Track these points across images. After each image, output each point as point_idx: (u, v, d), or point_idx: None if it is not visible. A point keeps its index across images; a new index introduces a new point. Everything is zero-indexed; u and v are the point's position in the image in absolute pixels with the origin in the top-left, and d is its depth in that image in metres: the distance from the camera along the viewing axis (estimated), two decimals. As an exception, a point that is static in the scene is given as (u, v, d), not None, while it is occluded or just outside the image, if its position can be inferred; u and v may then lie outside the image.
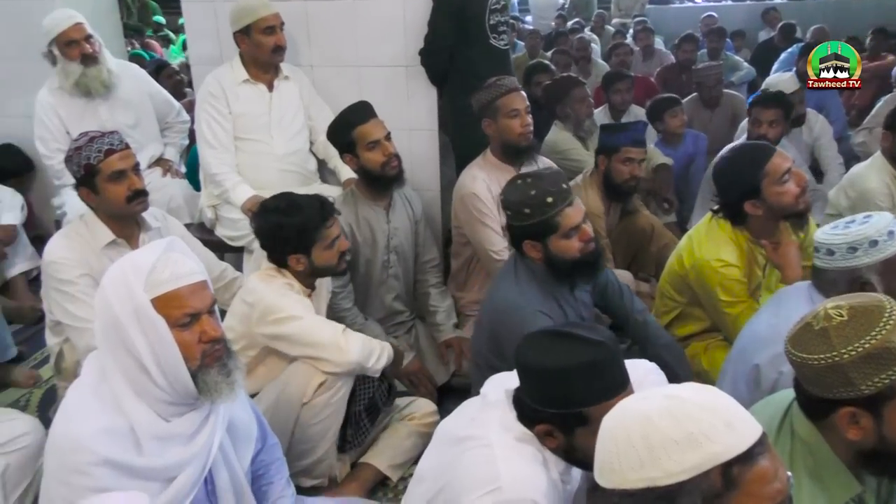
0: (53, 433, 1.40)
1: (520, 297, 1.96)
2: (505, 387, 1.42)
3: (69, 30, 3.00)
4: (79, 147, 2.19)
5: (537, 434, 1.34)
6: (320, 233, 2.09)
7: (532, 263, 2.00)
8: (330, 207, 2.13)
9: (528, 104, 2.65)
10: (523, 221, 1.94)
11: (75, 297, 2.21)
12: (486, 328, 2.03)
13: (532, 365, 1.33)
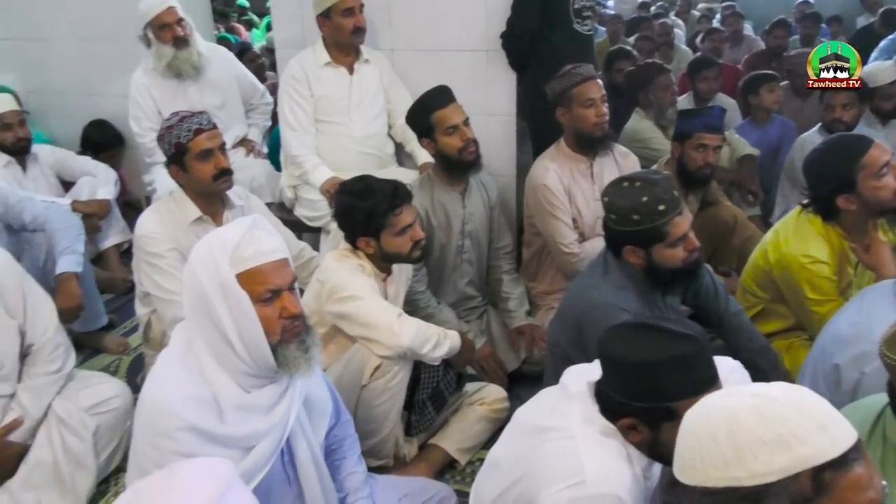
0: (143, 398, 1.47)
1: (608, 294, 1.90)
2: (586, 379, 1.40)
3: (163, 13, 3.12)
4: (170, 126, 2.28)
5: (621, 428, 1.31)
6: (388, 219, 2.09)
7: (627, 266, 1.92)
8: (403, 195, 2.13)
9: (605, 93, 2.58)
10: (629, 227, 1.84)
11: (164, 269, 2.31)
12: (570, 321, 1.99)
13: (619, 357, 1.30)
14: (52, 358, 2.13)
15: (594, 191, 2.64)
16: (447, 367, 2.22)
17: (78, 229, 2.66)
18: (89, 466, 2.13)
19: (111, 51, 3.78)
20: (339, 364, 2.09)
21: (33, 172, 3.35)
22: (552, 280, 2.80)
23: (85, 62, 3.90)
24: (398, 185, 2.14)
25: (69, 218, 2.70)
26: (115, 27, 3.70)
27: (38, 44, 3.94)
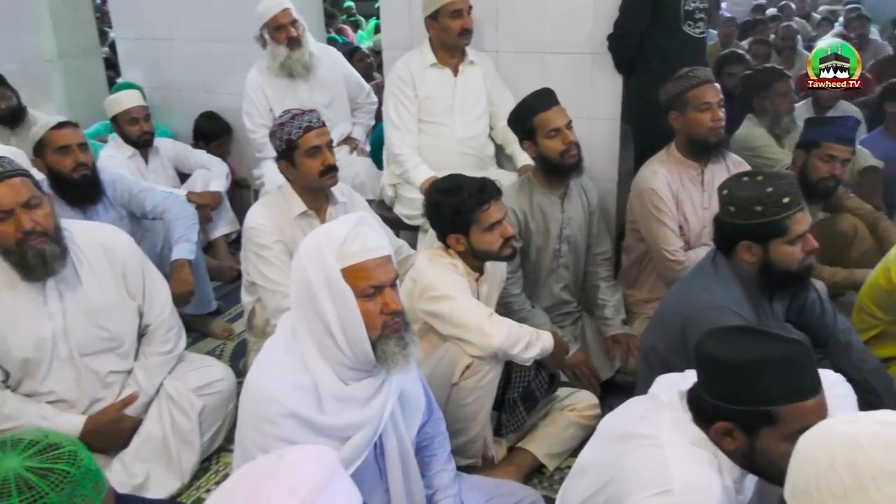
0: (249, 383, 1.54)
1: (717, 295, 1.85)
2: (678, 388, 1.37)
3: (279, 15, 3.25)
4: (282, 123, 2.38)
5: (715, 433, 1.27)
6: (475, 215, 2.10)
7: (738, 266, 1.87)
8: (491, 191, 2.12)
9: (722, 98, 2.50)
10: (750, 220, 1.80)
11: (269, 261, 2.41)
12: (672, 325, 1.94)
13: (718, 357, 1.26)
14: (166, 339, 2.26)
15: (703, 199, 2.56)
16: (539, 368, 2.20)
17: (193, 219, 2.82)
18: (194, 444, 2.24)
19: (228, 51, 3.98)
20: (431, 362, 2.12)
21: (154, 164, 3.57)
22: (652, 288, 2.73)
23: (204, 61, 4.12)
24: (486, 181, 2.14)
25: (185, 208, 2.87)
26: (232, 29, 3.89)
27: (164, 43, 4.19)
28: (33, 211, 1.92)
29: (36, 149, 2.70)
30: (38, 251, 1.92)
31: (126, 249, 2.19)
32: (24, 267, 1.94)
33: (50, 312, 2.03)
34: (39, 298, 2.01)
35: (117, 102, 3.44)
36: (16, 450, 0.99)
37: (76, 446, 1.03)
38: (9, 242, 1.90)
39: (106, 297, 2.11)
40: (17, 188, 1.90)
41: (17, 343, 1.99)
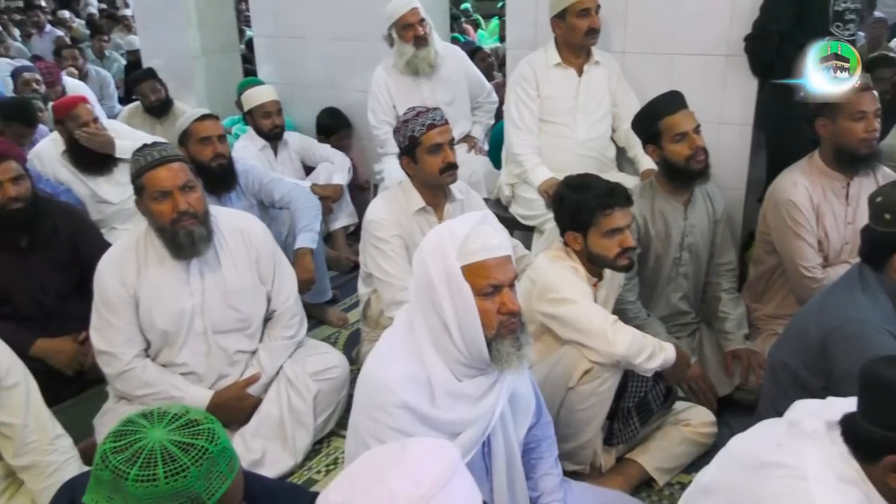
0: (366, 371, 1.58)
1: (866, 310, 1.73)
2: (824, 417, 1.27)
3: (407, 14, 3.32)
4: (406, 120, 2.42)
5: (884, 468, 1.17)
6: (596, 217, 2.05)
7: (891, 280, 1.75)
8: (619, 197, 2.07)
9: (879, 107, 2.31)
10: None
11: (387, 254, 2.46)
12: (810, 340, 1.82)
13: (893, 383, 1.16)
14: (290, 325, 2.36)
15: (847, 213, 2.39)
16: (657, 380, 2.13)
17: (316, 210, 2.94)
18: (308, 426, 2.33)
19: (356, 49, 4.10)
20: (547, 364, 2.10)
21: (282, 156, 3.74)
22: (781, 304, 2.58)
23: (332, 59, 4.27)
24: (617, 187, 2.10)
25: (310, 199, 2.99)
26: (361, 28, 4.01)
27: (296, 41, 4.38)
28: (188, 194, 2.06)
29: (181, 138, 2.89)
30: (189, 232, 2.07)
31: (261, 237, 2.31)
32: (174, 245, 2.08)
33: (191, 290, 2.17)
34: (183, 276, 2.15)
35: (253, 97, 3.63)
36: (162, 422, 1.05)
37: (213, 423, 1.09)
38: (164, 221, 2.05)
39: (240, 280, 2.23)
40: (176, 172, 2.05)
41: (160, 314, 2.14)
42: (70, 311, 2.55)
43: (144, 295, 2.13)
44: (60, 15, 9.45)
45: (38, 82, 4.66)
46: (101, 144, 3.28)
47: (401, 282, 2.40)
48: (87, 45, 7.60)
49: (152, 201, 2.06)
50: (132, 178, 2.10)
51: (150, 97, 4.42)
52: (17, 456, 1.77)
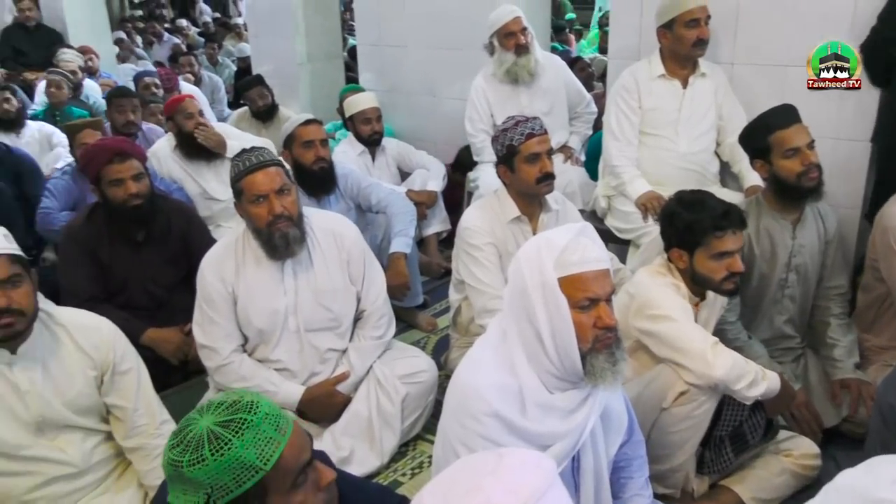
0: (458, 378, 1.58)
1: None
2: None
3: (510, 22, 3.33)
4: (505, 129, 2.42)
5: None
6: (706, 238, 1.98)
7: None
8: (733, 220, 1.99)
9: None
10: None
11: (480, 261, 2.46)
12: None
13: None
14: (378, 325, 2.40)
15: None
16: (755, 410, 2.03)
17: (411, 215, 2.98)
18: (395, 428, 2.36)
19: (455, 57, 4.15)
20: (640, 382, 2.04)
21: (380, 162, 3.82)
22: (893, 336, 2.41)
23: (432, 67, 4.33)
24: (732, 209, 2.01)
25: (406, 204, 3.04)
26: (461, 37, 4.06)
27: (398, 49, 4.47)
28: (283, 197, 2.13)
29: (286, 142, 3.01)
30: (284, 234, 2.13)
31: (353, 239, 2.36)
32: (270, 247, 2.16)
33: (285, 289, 2.24)
34: (278, 276, 2.23)
35: (355, 103, 3.72)
36: (210, 411, 1.10)
37: (255, 397, 1.12)
38: (260, 223, 2.13)
39: (332, 281, 2.29)
40: (273, 176, 2.12)
41: (256, 312, 2.22)
42: (178, 302, 2.69)
43: (242, 293, 2.22)
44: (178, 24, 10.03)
45: (156, 86, 4.96)
46: (216, 144, 3.50)
47: (493, 290, 2.39)
48: (201, 52, 8.02)
49: (250, 204, 2.14)
50: (231, 182, 2.19)
51: (258, 102, 4.62)
52: (126, 437, 1.87)
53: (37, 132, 4.34)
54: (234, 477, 1.04)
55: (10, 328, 1.66)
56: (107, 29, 7.33)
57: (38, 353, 1.75)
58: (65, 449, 1.79)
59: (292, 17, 4.94)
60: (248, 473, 1.05)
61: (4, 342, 1.69)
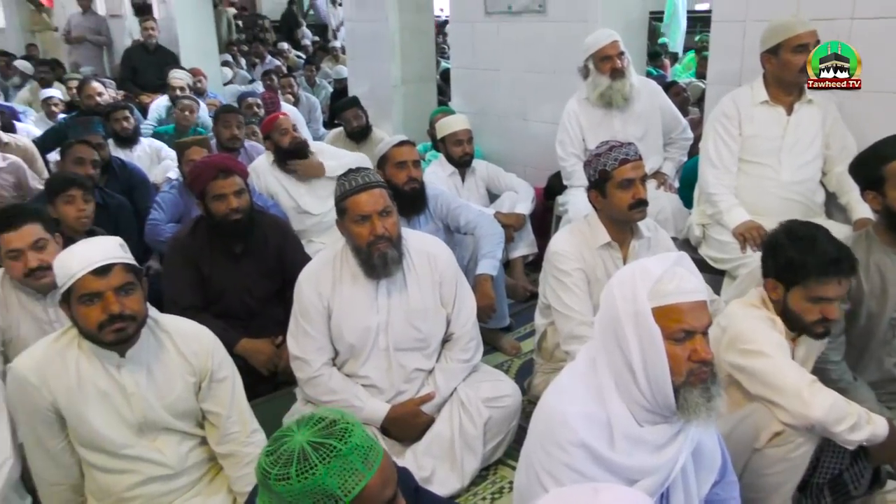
0: (544, 404, 1.56)
1: None
2: None
3: (607, 46, 3.30)
4: (598, 154, 2.39)
5: None
6: (808, 280, 1.88)
7: None
8: (843, 269, 1.87)
9: None
10: None
11: (569, 287, 2.43)
12: None
13: None
14: (466, 348, 2.41)
15: None
16: (858, 456, 1.90)
17: (500, 237, 2.98)
18: (477, 451, 2.34)
19: (547, 81, 4.15)
20: (731, 419, 1.95)
21: (469, 183, 3.85)
22: None
23: (523, 90, 4.35)
24: (845, 256, 1.88)
25: (494, 226, 3.05)
26: (553, 61, 4.07)
27: (490, 73, 4.52)
28: (385, 219, 2.19)
29: (379, 162, 3.08)
30: (383, 254, 2.19)
31: (445, 260, 2.38)
32: (368, 266, 2.21)
33: (378, 307, 2.28)
34: (372, 294, 2.27)
35: (447, 125, 3.78)
36: (307, 426, 1.11)
37: (350, 423, 1.11)
38: (361, 243, 2.19)
39: (424, 301, 2.32)
40: (376, 197, 2.19)
41: (349, 328, 2.27)
42: (270, 314, 2.79)
43: (337, 308, 2.27)
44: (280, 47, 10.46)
45: (258, 106, 5.20)
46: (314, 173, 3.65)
47: (580, 316, 2.36)
48: (300, 73, 8.34)
49: (352, 223, 2.20)
50: (336, 201, 2.25)
51: (353, 123, 4.77)
52: (219, 443, 1.94)
53: (147, 147, 4.63)
54: (314, 502, 1.05)
55: (122, 332, 1.76)
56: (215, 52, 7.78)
57: (143, 357, 1.85)
58: (163, 450, 1.88)
59: (390, 41, 5.07)
60: (327, 501, 1.06)
61: (115, 345, 1.79)
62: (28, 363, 1.79)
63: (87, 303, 1.73)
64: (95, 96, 5.19)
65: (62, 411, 1.79)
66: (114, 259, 1.75)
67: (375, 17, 5.16)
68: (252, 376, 2.56)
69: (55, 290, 2.01)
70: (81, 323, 1.76)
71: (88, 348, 1.80)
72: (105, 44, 8.34)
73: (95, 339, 1.77)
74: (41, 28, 10.87)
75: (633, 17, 4.01)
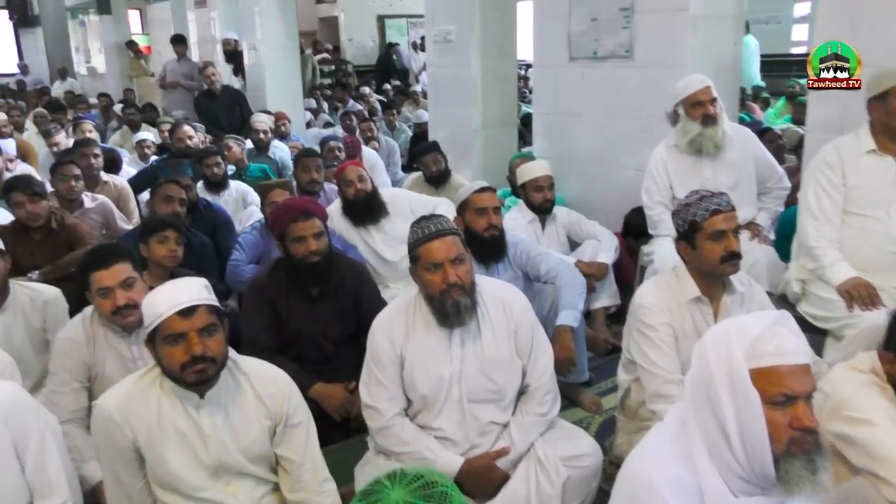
0: (630, 467, 1.51)
1: None
2: None
3: (699, 92, 3.25)
4: (688, 204, 2.34)
5: None
6: None
7: None
8: None
9: None
10: None
11: (654, 342, 2.36)
12: None
13: None
14: (543, 401, 2.35)
15: None
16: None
17: (581, 287, 2.94)
18: (555, 512, 2.27)
19: (631, 127, 4.13)
20: (835, 495, 1.82)
21: (550, 230, 3.83)
22: None
23: (607, 136, 4.33)
24: None
25: (575, 276, 3.01)
26: (639, 106, 4.04)
27: (573, 118, 4.53)
28: (458, 266, 2.19)
29: (459, 208, 3.11)
30: (456, 302, 2.18)
31: (522, 308, 2.36)
32: (441, 314, 2.21)
33: (451, 357, 2.27)
34: (445, 343, 2.27)
35: (528, 171, 3.79)
36: (401, 483, 1.11)
37: (450, 487, 1.11)
38: (434, 291, 2.20)
39: (499, 351, 2.29)
40: (450, 245, 2.19)
41: (421, 378, 2.26)
42: (344, 359, 2.82)
43: (409, 357, 2.27)
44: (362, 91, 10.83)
45: (339, 150, 5.36)
46: None
47: (668, 374, 2.29)
48: (380, 117, 8.59)
49: (425, 271, 2.21)
50: (409, 248, 2.27)
51: (432, 168, 4.84)
52: (291, 490, 1.96)
53: (234, 191, 4.83)
54: None
55: (203, 374, 1.81)
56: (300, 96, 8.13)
57: (222, 399, 1.89)
58: (236, 495, 1.90)
59: (471, 86, 5.17)
60: None
61: (196, 386, 1.85)
62: (112, 401, 1.86)
63: (171, 343, 1.80)
64: (186, 139, 5.47)
65: (142, 450, 1.85)
66: (199, 301, 1.82)
67: (458, 62, 5.28)
68: (325, 421, 2.58)
69: (140, 329, 2.10)
70: (165, 362, 1.82)
71: (170, 388, 1.86)
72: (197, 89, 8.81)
73: (177, 378, 1.83)
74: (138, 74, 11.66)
75: (724, 60, 3.95)
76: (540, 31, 4.71)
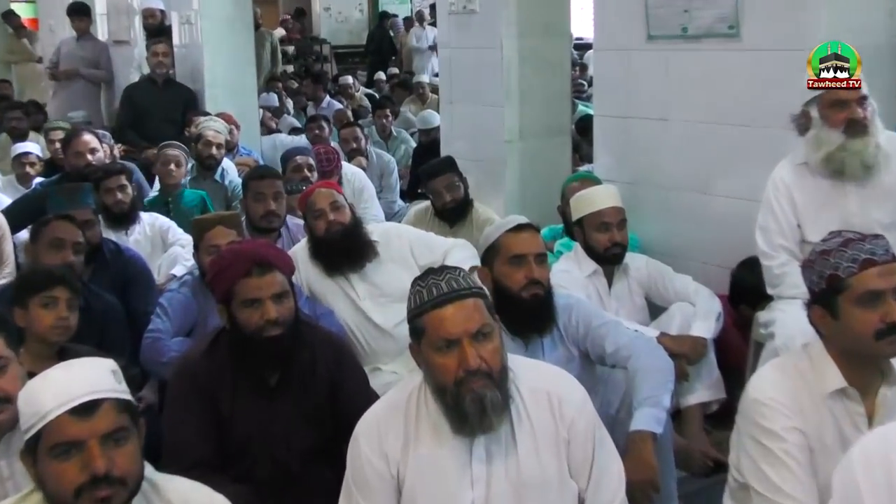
0: None
1: None
2: None
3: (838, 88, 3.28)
4: (826, 251, 2.34)
5: None
6: None
7: None
8: None
9: None
10: None
11: (777, 457, 2.33)
12: None
13: None
14: (614, 537, 2.34)
15: None
16: None
17: (668, 374, 2.94)
18: None
19: (740, 137, 4.14)
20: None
21: (619, 288, 3.86)
22: None
23: (701, 150, 4.34)
24: None
25: (658, 355, 3.01)
26: (751, 108, 4.07)
27: (653, 124, 4.55)
28: (483, 344, 2.17)
29: (485, 255, 3.12)
30: (479, 397, 2.15)
31: (578, 406, 2.35)
32: (457, 415, 2.19)
33: (473, 478, 2.25)
34: (464, 457, 2.26)
35: (588, 201, 3.84)
36: None
37: None
38: (447, 380, 2.18)
39: (542, 470, 2.28)
40: (470, 312, 2.18)
41: (430, 509, 2.25)
42: (316, 480, 2.81)
43: (411, 478, 2.25)
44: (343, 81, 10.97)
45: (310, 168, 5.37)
46: None
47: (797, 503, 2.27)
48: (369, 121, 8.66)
49: (434, 351, 2.19)
50: (409, 317, 2.27)
51: (445, 196, 4.84)
52: None
53: (147, 227, 4.89)
54: None
55: (108, 502, 1.81)
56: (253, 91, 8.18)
57: (133, 542, 1.88)
58: None
59: (504, 77, 5.21)
60: None
61: (96, 522, 1.84)
62: None
63: (61, 456, 1.79)
64: (87, 153, 5.47)
65: None
66: (103, 393, 1.83)
67: (484, 42, 5.35)
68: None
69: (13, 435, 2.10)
70: (51, 486, 1.81)
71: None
72: (104, 79, 8.91)
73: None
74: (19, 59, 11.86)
75: (876, 41, 3.95)
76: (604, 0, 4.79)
